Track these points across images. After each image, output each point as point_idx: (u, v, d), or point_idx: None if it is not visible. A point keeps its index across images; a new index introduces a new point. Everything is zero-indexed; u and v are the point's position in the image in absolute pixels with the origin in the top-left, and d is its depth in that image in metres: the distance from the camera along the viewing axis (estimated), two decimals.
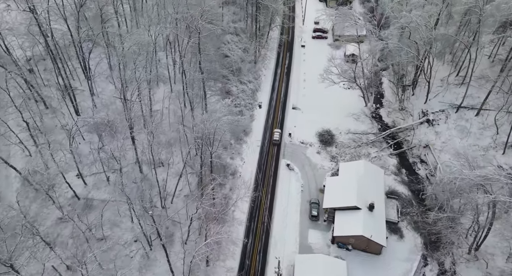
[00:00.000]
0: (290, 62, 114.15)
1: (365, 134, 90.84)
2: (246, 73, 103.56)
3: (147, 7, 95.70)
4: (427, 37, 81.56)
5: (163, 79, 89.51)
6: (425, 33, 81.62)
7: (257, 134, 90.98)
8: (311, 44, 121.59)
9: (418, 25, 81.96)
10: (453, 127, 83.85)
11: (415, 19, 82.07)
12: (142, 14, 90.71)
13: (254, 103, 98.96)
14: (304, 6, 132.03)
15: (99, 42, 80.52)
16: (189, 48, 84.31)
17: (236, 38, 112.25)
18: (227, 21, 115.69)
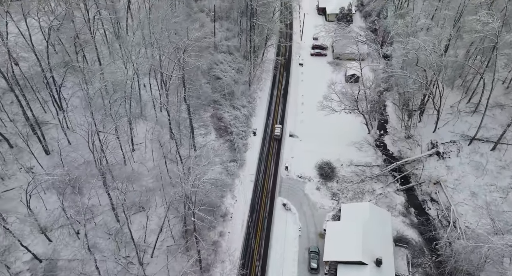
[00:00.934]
0: (287, 83, 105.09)
1: (369, 167, 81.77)
2: (239, 96, 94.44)
3: (126, 39, 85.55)
4: (436, 65, 72.50)
5: (147, 109, 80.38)
6: (434, 59, 72.61)
7: (251, 166, 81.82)
8: (309, 62, 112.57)
9: (426, 50, 72.90)
10: (467, 162, 74.88)
11: (423, 45, 72.98)
12: (122, 43, 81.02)
13: (248, 130, 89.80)
14: (302, 21, 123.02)
15: (73, 72, 71.36)
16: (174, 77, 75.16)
17: (230, 57, 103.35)
18: (220, 38, 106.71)
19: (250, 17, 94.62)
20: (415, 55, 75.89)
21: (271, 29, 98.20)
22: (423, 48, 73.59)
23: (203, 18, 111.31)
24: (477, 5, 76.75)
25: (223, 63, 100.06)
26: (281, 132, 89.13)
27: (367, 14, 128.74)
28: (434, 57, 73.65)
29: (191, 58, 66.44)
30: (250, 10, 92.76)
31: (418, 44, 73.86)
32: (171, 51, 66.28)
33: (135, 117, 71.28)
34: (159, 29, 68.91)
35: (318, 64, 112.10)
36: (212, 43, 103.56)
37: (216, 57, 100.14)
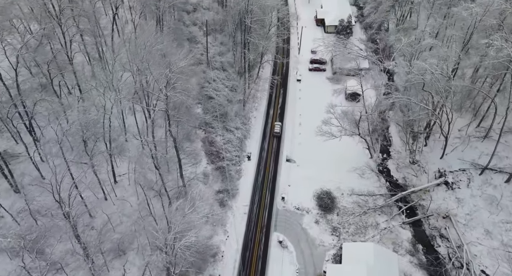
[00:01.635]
0: (284, 101, 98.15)
1: (372, 196, 74.97)
2: (233, 117, 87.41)
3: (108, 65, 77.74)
4: (444, 90, 65.62)
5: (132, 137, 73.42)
6: (441, 83, 65.77)
7: (245, 196, 74.89)
8: (307, 77, 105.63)
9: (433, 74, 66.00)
10: (478, 194, 68.10)
11: (429, 69, 66.09)
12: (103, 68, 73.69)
13: (242, 154, 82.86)
14: (299, 33, 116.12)
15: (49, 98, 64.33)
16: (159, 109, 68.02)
17: (223, 74, 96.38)
18: (213, 53, 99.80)
19: (244, 33, 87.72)
20: (421, 79, 68.96)
21: (266, 47, 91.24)
22: (429, 72, 66.78)
23: (195, 32, 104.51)
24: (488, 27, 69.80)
25: (216, 80, 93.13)
26: (280, 129, 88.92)
27: (367, 26, 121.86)
28: (442, 81, 66.98)
29: (176, 90, 59.40)
30: (244, 26, 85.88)
31: (425, 68, 66.93)
32: (153, 82, 59.46)
33: (116, 152, 63.99)
34: (141, 57, 61.63)
35: (317, 79, 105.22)
36: (204, 59, 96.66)
37: (208, 74, 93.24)
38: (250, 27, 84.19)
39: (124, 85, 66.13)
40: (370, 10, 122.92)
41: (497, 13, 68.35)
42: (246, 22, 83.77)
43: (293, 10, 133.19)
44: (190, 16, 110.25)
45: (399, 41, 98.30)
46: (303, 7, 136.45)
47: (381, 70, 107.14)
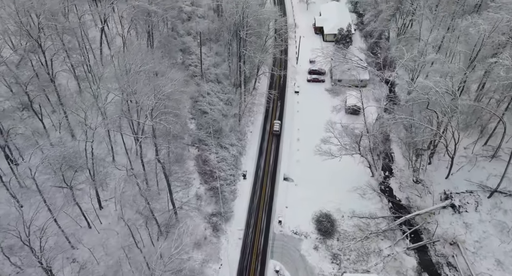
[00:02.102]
0: (281, 114, 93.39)
1: (374, 219, 70.33)
2: (228, 133, 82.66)
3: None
4: (450, 109, 60.93)
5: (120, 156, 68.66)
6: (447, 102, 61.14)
7: (240, 220, 70.21)
8: (306, 89, 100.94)
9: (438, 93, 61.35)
10: (488, 219, 63.52)
11: (434, 88, 61.41)
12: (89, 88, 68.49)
13: (237, 173, 78.18)
14: (297, 42, 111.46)
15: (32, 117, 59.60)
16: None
17: (218, 87, 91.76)
18: (208, 65, 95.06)
19: (239, 45, 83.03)
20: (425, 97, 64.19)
21: (262, 60, 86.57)
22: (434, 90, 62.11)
23: (189, 42, 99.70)
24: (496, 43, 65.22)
25: (210, 94, 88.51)
26: (280, 128, 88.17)
27: (367, 34, 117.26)
28: (447, 99, 62.40)
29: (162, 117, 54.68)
30: (239, 39, 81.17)
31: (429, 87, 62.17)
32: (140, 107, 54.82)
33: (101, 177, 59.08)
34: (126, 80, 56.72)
35: (316, 91, 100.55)
36: (198, 72, 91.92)
37: (202, 87, 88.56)
38: (245, 40, 79.45)
39: (110, 105, 61.46)
40: (370, 18, 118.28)
41: (506, 28, 63.79)
42: (241, 35, 79.02)
43: (291, 19, 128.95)
44: (184, 25, 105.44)
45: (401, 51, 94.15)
46: (301, 14, 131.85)
47: (381, 80, 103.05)
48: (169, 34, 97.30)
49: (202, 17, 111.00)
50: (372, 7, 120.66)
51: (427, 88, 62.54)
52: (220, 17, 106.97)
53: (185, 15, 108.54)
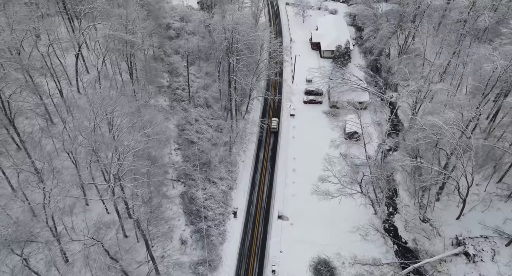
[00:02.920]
0: (275, 141, 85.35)
1: (378, 266, 62.34)
2: (217, 165, 74.60)
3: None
4: (462, 150, 53.05)
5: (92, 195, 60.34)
6: (459, 142, 53.35)
7: (229, 268, 61.59)
8: (302, 111, 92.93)
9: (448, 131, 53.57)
10: (507, 272, 55.54)
11: (444, 127, 53.54)
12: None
13: (227, 210, 69.98)
14: (293, 60, 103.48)
15: None
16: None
17: (207, 112, 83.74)
18: (196, 88, 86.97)
19: (229, 72, 74.98)
20: (433, 136, 56.24)
21: (254, 87, 78.61)
22: (444, 128, 54.25)
23: (177, 63, 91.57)
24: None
25: (198, 120, 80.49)
26: (277, 125, 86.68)
27: (367, 50, 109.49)
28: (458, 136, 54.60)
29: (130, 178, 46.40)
30: (228, 66, 73.12)
31: (440, 127, 54.26)
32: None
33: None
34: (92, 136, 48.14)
35: (313, 114, 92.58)
36: (186, 96, 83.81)
37: (190, 114, 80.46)
38: (235, 66, 71.40)
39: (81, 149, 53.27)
40: (369, 34, 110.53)
41: None
42: (230, 61, 70.93)
43: (286, 33, 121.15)
44: (172, 43, 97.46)
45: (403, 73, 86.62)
46: (297, 27, 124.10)
47: (383, 101, 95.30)
48: (155, 55, 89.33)
49: (192, 33, 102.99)
50: (371, 21, 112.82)
51: (436, 126, 54.65)
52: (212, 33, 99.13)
53: (173, 32, 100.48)
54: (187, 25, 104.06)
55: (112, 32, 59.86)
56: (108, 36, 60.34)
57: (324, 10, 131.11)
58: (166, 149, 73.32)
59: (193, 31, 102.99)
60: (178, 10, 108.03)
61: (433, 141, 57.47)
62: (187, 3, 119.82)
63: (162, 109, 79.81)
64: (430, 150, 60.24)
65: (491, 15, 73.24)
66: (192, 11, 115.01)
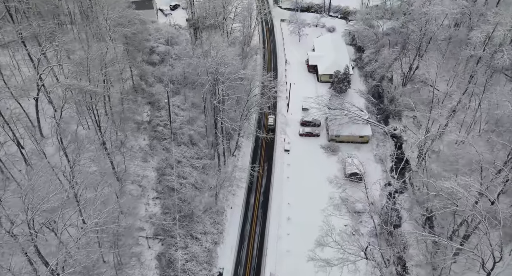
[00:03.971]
0: (268, 182, 75.01)
1: None
2: (201, 216, 64.35)
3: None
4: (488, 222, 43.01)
5: None
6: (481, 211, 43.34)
7: None
8: (298, 145, 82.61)
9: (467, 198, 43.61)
10: None
11: (465, 194, 43.42)
12: None
13: (211, 272, 59.56)
14: (288, 87, 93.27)
15: None
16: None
17: (192, 151, 73.39)
18: (180, 123, 76.64)
19: (214, 112, 64.71)
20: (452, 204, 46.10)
21: (241, 128, 68.48)
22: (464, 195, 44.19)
23: (160, 94, 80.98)
24: None
25: (181, 162, 70.21)
26: (274, 122, 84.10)
27: (368, 74, 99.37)
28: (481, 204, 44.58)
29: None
30: (213, 107, 62.88)
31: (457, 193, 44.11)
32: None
33: None
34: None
35: (309, 148, 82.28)
36: (167, 133, 73.47)
37: (172, 155, 70.15)
38: (220, 108, 61.20)
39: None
40: (370, 57, 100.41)
41: None
42: (214, 103, 60.70)
43: (281, 53, 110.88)
44: (156, 70, 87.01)
45: (407, 105, 76.77)
46: (292, 47, 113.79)
47: (386, 133, 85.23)
48: (135, 86, 79.08)
49: (178, 57, 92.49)
50: (372, 42, 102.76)
51: (454, 193, 44.50)
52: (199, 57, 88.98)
53: (157, 57, 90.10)
54: (173, 48, 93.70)
55: (69, 82, 49.27)
56: (66, 86, 49.72)
57: (321, 27, 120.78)
58: (142, 199, 63.11)
59: (179, 55, 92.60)
60: (163, 31, 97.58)
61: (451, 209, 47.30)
62: (175, 21, 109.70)
63: (140, 150, 69.48)
64: (446, 219, 50.10)
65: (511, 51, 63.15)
66: (180, 31, 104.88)
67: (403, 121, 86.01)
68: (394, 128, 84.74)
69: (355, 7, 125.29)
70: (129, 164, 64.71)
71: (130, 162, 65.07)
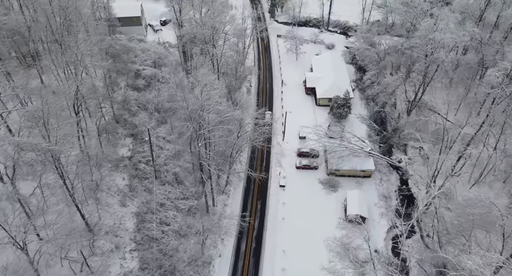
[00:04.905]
0: (261, 225, 66.67)
1: None
2: (185, 269, 56.18)
3: None
4: None
5: None
6: None
7: None
8: (294, 180, 74.58)
9: None
10: None
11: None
12: None
13: None
14: (284, 114, 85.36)
15: None
16: None
17: (177, 190, 65.35)
18: (165, 157, 68.62)
19: (199, 156, 56.69)
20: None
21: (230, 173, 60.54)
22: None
23: (143, 125, 72.87)
24: None
25: (165, 205, 62.18)
26: (270, 118, 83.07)
27: (369, 98, 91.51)
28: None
29: None
30: (198, 153, 54.90)
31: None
32: None
33: None
34: None
35: (307, 183, 74.17)
36: (149, 172, 65.35)
37: (154, 197, 62.05)
38: (206, 153, 53.18)
39: None
40: (372, 79, 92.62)
41: None
42: (197, 147, 52.74)
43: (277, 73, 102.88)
44: (140, 96, 78.86)
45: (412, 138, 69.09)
46: (289, 66, 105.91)
47: (389, 165, 77.43)
48: (116, 117, 71.00)
49: (166, 80, 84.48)
50: (373, 63, 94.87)
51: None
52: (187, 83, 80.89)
53: (143, 82, 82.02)
54: (160, 71, 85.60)
55: (18, 140, 40.95)
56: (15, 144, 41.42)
57: (320, 44, 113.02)
58: (117, 254, 55.00)
59: (167, 79, 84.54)
60: (151, 52, 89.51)
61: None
62: (164, 39, 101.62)
63: (118, 192, 61.41)
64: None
65: None
66: (169, 50, 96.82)
67: (409, 152, 78.19)
68: (399, 160, 76.90)
69: (355, 22, 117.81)
70: (105, 214, 56.63)
71: (105, 212, 56.99)
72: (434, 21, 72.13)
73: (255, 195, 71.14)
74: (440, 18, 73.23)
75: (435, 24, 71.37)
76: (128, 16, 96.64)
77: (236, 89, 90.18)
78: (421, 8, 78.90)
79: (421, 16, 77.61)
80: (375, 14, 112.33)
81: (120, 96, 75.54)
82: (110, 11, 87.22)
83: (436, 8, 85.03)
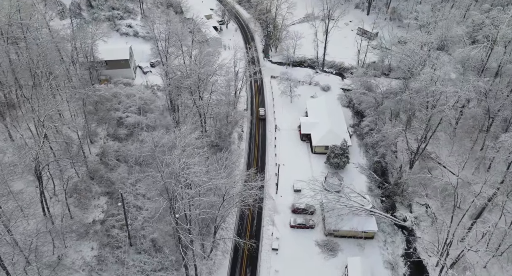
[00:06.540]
0: None
1: None
2: None
3: None
4: None
5: None
6: None
7: None
8: (288, 241, 65.07)
9: None
10: None
11: None
12: None
13: None
14: (277, 166, 76.97)
15: None
16: None
17: (154, 260, 55.60)
18: (143, 220, 59.39)
19: (177, 229, 47.86)
20: None
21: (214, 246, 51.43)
22: None
23: (122, 179, 64.23)
24: None
25: None
26: (265, 113, 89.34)
27: (368, 145, 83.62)
28: None
29: None
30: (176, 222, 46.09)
31: None
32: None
33: None
34: None
35: (302, 245, 64.62)
36: (123, 238, 55.89)
37: (125, 272, 52.16)
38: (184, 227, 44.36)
39: None
40: (370, 125, 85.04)
41: None
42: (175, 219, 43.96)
43: (271, 117, 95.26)
44: (122, 146, 70.41)
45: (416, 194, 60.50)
46: (284, 109, 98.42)
47: (395, 224, 68.23)
48: (90, 171, 62.34)
49: (152, 128, 76.55)
50: (371, 108, 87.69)
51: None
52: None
53: (125, 131, 74.03)
54: (145, 118, 77.81)
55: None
56: None
57: (315, 85, 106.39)
58: None
59: (153, 126, 76.72)
60: (137, 97, 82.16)
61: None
62: (152, 82, 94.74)
63: (84, 265, 51.70)
64: None
65: None
66: (157, 94, 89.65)
67: (414, 209, 69.33)
68: (404, 219, 67.88)
69: (350, 63, 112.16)
70: None
71: None
72: (433, 71, 65.40)
73: (244, 262, 61.37)
74: (438, 67, 66.82)
75: (434, 73, 64.63)
76: (115, 59, 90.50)
77: (227, 135, 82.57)
78: (420, 57, 72.48)
79: (420, 65, 71.13)
80: (370, 56, 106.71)
81: (98, 149, 67.25)
82: (95, 56, 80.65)
83: (435, 54, 78.88)
